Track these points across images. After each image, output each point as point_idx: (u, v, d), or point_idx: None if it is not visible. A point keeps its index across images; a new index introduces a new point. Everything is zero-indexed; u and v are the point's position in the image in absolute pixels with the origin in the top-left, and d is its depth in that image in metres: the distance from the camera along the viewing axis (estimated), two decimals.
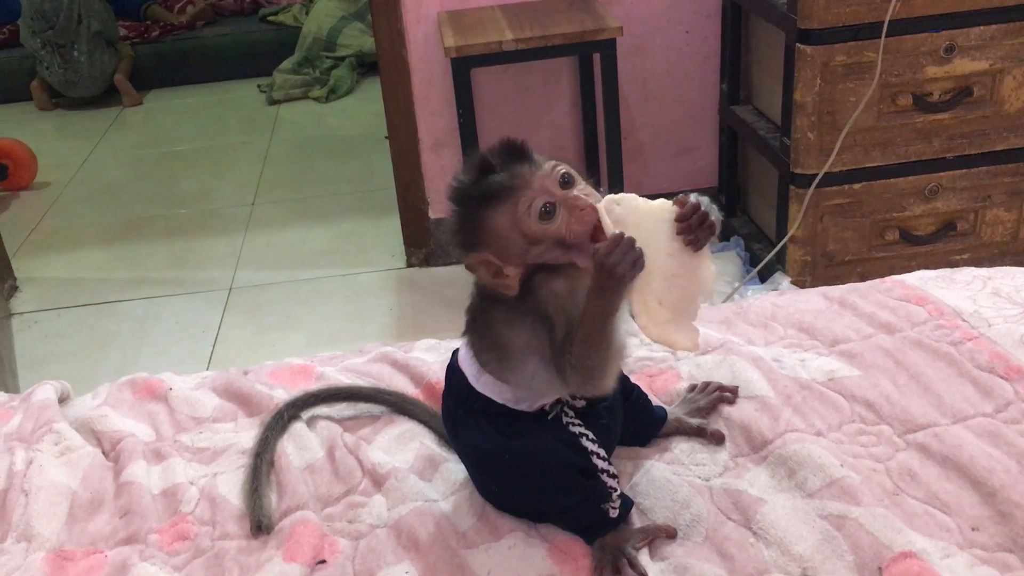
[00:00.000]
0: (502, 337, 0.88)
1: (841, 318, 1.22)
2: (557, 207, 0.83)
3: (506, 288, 0.86)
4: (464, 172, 0.86)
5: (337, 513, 1.00)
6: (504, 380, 0.91)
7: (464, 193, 0.86)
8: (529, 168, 0.84)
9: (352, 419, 1.14)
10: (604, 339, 0.83)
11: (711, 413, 1.07)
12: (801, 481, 0.95)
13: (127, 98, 4.43)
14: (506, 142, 0.85)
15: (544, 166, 0.85)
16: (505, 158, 0.85)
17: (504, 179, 0.84)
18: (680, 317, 0.84)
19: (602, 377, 0.85)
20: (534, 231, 0.83)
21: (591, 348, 0.83)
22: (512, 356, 0.88)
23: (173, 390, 1.22)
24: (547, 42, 2.14)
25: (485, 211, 0.84)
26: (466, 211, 0.86)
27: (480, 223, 0.85)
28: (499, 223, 0.84)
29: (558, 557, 0.91)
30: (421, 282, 2.65)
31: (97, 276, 2.85)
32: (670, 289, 0.83)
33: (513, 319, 0.87)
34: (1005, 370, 1.08)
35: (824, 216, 2.10)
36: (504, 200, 0.83)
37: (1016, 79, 2.00)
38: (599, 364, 0.84)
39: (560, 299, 0.85)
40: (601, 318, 0.82)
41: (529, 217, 0.83)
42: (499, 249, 0.85)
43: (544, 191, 0.83)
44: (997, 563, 0.86)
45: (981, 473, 0.94)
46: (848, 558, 0.87)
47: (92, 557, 0.97)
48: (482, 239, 0.85)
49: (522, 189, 0.83)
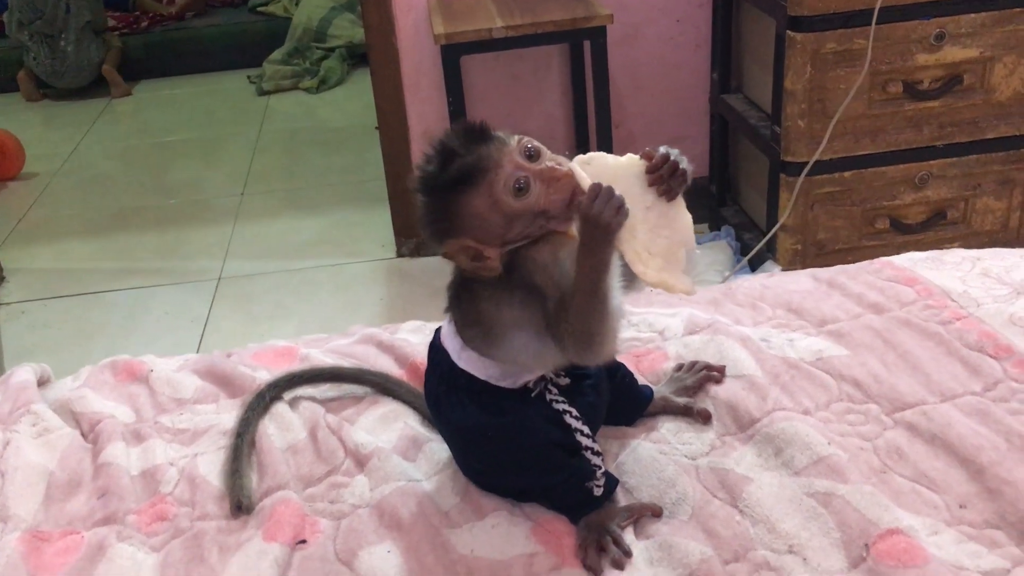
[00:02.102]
0: (488, 314, 0.87)
1: (830, 298, 1.22)
2: (531, 180, 0.82)
3: (488, 271, 0.84)
4: (426, 160, 0.84)
5: (319, 493, 0.99)
6: (488, 356, 0.89)
7: (431, 182, 0.83)
8: (495, 146, 0.82)
9: (335, 400, 1.13)
10: (600, 300, 0.81)
11: (698, 392, 1.06)
12: (788, 459, 0.94)
13: (116, 89, 4.40)
14: (464, 125, 0.83)
15: (509, 143, 0.83)
16: (466, 141, 0.83)
17: (472, 161, 0.82)
18: (670, 266, 0.83)
19: (602, 342, 0.83)
20: (512, 207, 0.82)
21: (588, 310, 0.81)
22: (497, 331, 0.87)
23: (154, 372, 1.20)
24: (537, 29, 2.13)
25: (458, 197, 0.82)
26: (436, 200, 0.84)
27: (454, 210, 0.83)
28: (475, 206, 0.82)
29: (542, 536, 0.90)
30: (411, 272, 2.63)
31: (85, 266, 2.83)
32: (656, 240, 0.83)
33: (500, 296, 0.86)
34: (994, 349, 1.07)
35: (815, 204, 2.09)
36: (476, 182, 0.82)
37: (1006, 67, 2.00)
38: (597, 327, 0.82)
39: (546, 268, 0.84)
40: (595, 277, 0.80)
41: (505, 195, 0.81)
42: (478, 232, 0.83)
43: (515, 166, 0.82)
44: (985, 540, 0.85)
45: (969, 451, 0.93)
46: (835, 535, 0.86)
47: (69, 538, 0.95)
48: (458, 225, 0.83)
49: (493, 169, 0.81)
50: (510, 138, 0.84)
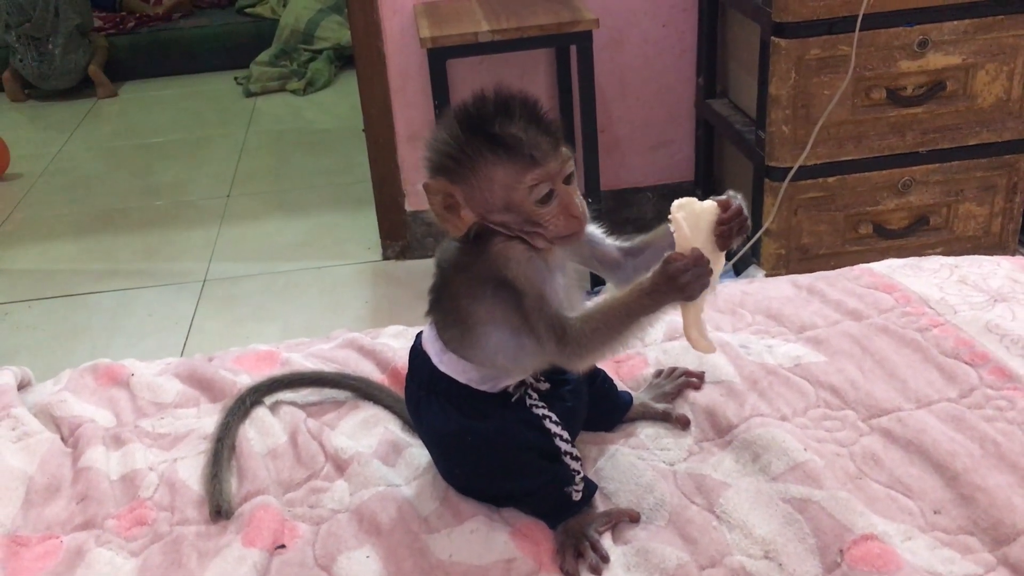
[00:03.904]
0: (464, 308, 0.87)
1: (809, 305, 1.22)
2: (554, 198, 0.83)
3: (453, 227, 0.84)
4: (482, 102, 0.82)
5: (299, 498, 0.99)
6: (467, 358, 0.90)
7: (477, 125, 0.81)
8: (551, 147, 0.82)
9: (316, 404, 1.13)
10: (626, 330, 0.83)
11: (677, 398, 1.07)
12: (765, 465, 0.95)
13: (101, 89, 4.38)
14: (532, 102, 0.82)
15: (563, 153, 0.83)
16: (531, 117, 0.81)
17: (527, 142, 0.80)
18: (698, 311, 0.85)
19: (596, 358, 0.87)
20: (521, 203, 0.82)
21: (609, 331, 0.83)
22: (474, 329, 0.87)
23: (135, 376, 1.20)
24: (523, 33, 2.13)
25: (490, 155, 0.81)
26: (467, 141, 0.81)
27: (475, 160, 0.81)
28: (495, 175, 0.81)
29: (521, 541, 0.90)
30: (397, 275, 2.63)
31: (69, 268, 2.81)
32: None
33: (474, 288, 0.86)
34: (970, 356, 1.08)
35: (798, 209, 2.11)
36: (515, 162, 0.81)
37: (989, 74, 2.01)
38: (603, 347, 0.84)
39: (519, 265, 0.84)
40: (639, 314, 0.82)
41: (525, 192, 0.82)
42: (472, 190, 0.83)
43: (552, 178, 0.83)
44: (958, 545, 0.86)
45: (944, 457, 0.94)
46: (810, 541, 0.86)
47: (47, 542, 0.95)
48: (462, 173, 0.82)
49: (538, 166, 0.81)
50: (564, 148, 0.83)
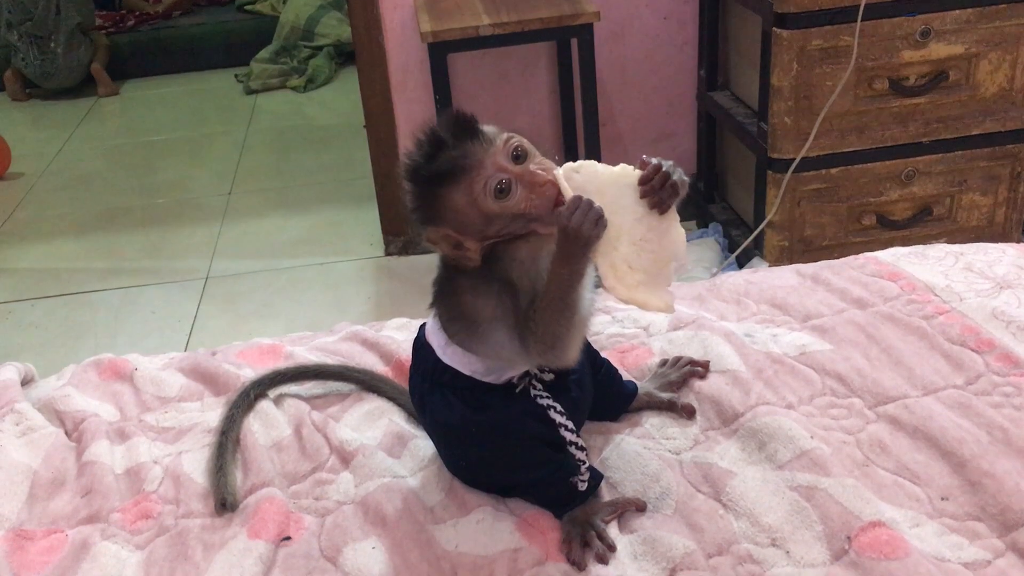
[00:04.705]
0: (468, 306, 0.87)
1: (814, 294, 1.22)
2: (513, 184, 0.82)
3: (468, 260, 0.85)
4: (416, 147, 0.84)
5: (304, 490, 0.99)
6: (472, 351, 0.89)
7: (417, 171, 0.83)
8: (481, 145, 0.82)
9: (320, 397, 1.13)
10: (568, 307, 0.81)
11: (682, 387, 1.06)
12: (771, 453, 0.95)
13: (103, 88, 4.38)
14: (455, 115, 0.83)
15: (496, 142, 0.82)
16: (457, 132, 0.82)
17: (456, 157, 0.81)
18: (654, 280, 0.83)
19: (565, 347, 0.84)
20: (491, 209, 0.82)
21: (555, 316, 0.82)
22: (479, 325, 0.87)
23: (139, 370, 1.20)
24: (524, 27, 2.13)
25: (440, 190, 0.82)
26: (421, 189, 0.84)
27: (436, 201, 0.83)
28: (455, 202, 0.82)
29: (526, 531, 0.90)
30: (399, 270, 2.63)
31: (72, 266, 2.81)
32: (640, 253, 0.82)
33: (479, 287, 0.86)
34: (976, 343, 1.08)
35: (801, 201, 2.10)
36: (458, 180, 0.81)
37: (991, 63, 2.01)
38: (562, 333, 0.83)
39: (524, 266, 0.84)
40: (566, 285, 0.81)
41: (485, 196, 0.81)
42: (458, 225, 0.83)
43: (498, 168, 0.81)
44: (966, 532, 0.86)
45: (951, 444, 0.94)
46: (817, 528, 0.86)
47: (52, 536, 0.95)
48: (440, 215, 0.84)
49: (475, 168, 0.81)
50: (498, 136, 0.83)
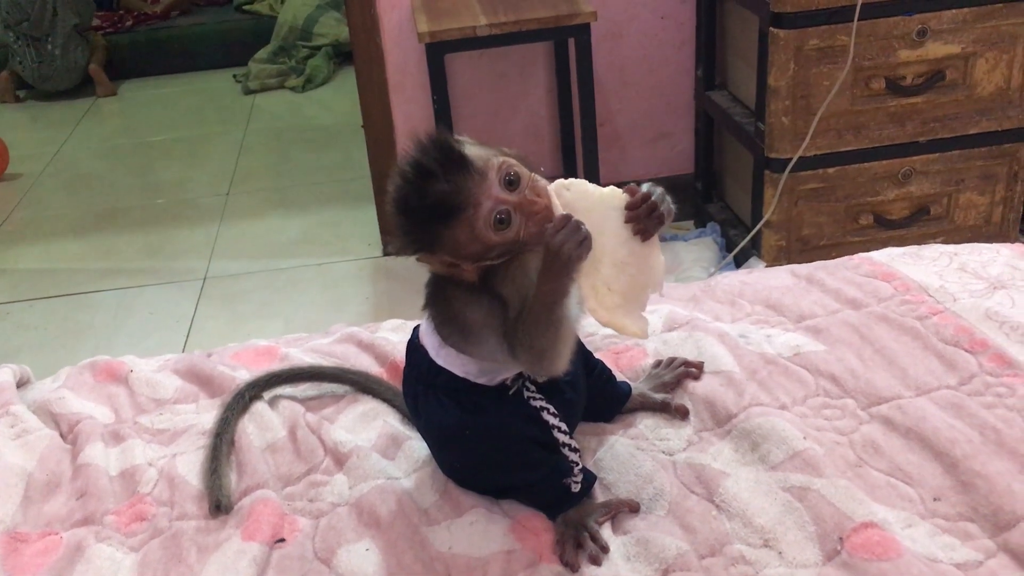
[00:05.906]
0: (460, 314, 0.88)
1: (808, 294, 1.22)
2: (512, 214, 0.81)
3: (467, 276, 0.85)
4: (403, 179, 0.82)
5: (298, 492, 0.99)
6: (465, 352, 0.90)
7: (409, 204, 0.82)
8: (476, 179, 0.80)
9: (315, 399, 1.13)
10: (553, 322, 0.82)
11: (676, 388, 1.07)
12: (764, 454, 0.95)
13: (101, 88, 4.38)
14: (441, 144, 0.81)
15: (488, 173, 0.81)
16: (445, 164, 0.80)
17: (451, 193, 0.79)
18: (629, 304, 0.84)
19: (551, 359, 0.84)
20: (492, 240, 0.81)
21: (540, 330, 0.82)
22: (471, 331, 0.87)
23: (134, 372, 1.20)
24: (521, 27, 2.13)
25: (437, 225, 0.81)
26: (414, 222, 0.83)
27: (433, 234, 0.82)
28: (455, 236, 0.81)
29: (520, 533, 0.90)
30: (397, 270, 2.63)
31: (70, 267, 2.82)
32: (619, 276, 0.83)
33: (470, 297, 0.86)
34: (970, 343, 1.08)
35: (799, 201, 2.10)
36: (457, 216, 0.80)
37: (988, 62, 2.01)
38: (548, 346, 0.83)
39: (514, 280, 0.84)
40: (550, 301, 0.81)
41: (486, 229, 0.81)
42: (455, 253, 0.83)
43: (496, 201, 0.80)
44: (958, 532, 0.86)
45: (944, 444, 0.94)
46: (809, 529, 0.86)
47: (47, 539, 0.95)
48: (436, 245, 0.83)
49: (474, 205, 0.80)
50: (490, 161, 0.81)
